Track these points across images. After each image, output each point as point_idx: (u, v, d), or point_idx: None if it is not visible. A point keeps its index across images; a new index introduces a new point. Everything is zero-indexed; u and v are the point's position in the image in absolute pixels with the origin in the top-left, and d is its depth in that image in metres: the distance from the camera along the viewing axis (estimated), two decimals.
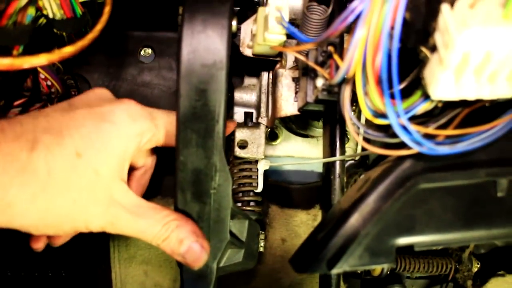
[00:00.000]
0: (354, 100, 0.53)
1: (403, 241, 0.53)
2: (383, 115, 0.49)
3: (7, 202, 0.50)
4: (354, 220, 0.52)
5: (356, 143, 1.00)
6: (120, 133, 0.57)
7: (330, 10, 0.66)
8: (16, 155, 0.50)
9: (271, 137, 1.02)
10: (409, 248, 0.54)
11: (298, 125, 0.97)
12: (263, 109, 0.83)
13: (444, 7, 0.41)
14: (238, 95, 0.87)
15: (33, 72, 0.72)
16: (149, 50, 1.02)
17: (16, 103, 0.69)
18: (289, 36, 0.62)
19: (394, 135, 0.49)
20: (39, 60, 0.53)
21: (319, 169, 1.06)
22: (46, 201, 0.52)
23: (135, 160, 0.67)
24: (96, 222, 0.57)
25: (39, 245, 0.64)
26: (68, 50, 0.56)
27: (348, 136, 0.98)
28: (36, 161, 0.51)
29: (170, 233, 0.59)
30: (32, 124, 0.52)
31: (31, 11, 0.60)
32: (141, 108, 0.60)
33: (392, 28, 0.43)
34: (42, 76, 0.74)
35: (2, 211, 0.50)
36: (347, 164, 1.02)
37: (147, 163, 0.70)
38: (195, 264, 0.61)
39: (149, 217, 0.59)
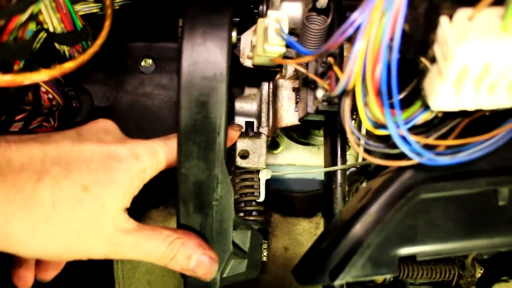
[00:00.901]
0: (354, 109, 0.53)
1: (405, 251, 0.53)
2: (383, 126, 0.49)
3: (7, 232, 0.50)
4: (356, 230, 0.52)
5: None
6: (125, 170, 0.57)
7: (329, 20, 0.67)
8: (21, 187, 0.50)
9: (272, 145, 1.02)
10: (411, 256, 0.54)
11: (299, 134, 0.97)
12: (263, 119, 0.83)
13: (443, 20, 0.41)
14: (239, 105, 0.87)
15: (34, 85, 0.72)
16: (150, 61, 1.02)
17: (18, 117, 0.69)
18: (289, 46, 0.62)
19: (395, 146, 0.49)
20: (40, 76, 0.54)
21: (321, 176, 1.07)
22: (48, 232, 0.52)
23: None
24: (98, 251, 0.57)
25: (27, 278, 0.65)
26: (69, 65, 0.56)
27: (349, 144, 0.98)
28: (41, 192, 0.51)
29: (177, 252, 0.59)
30: (42, 153, 0.52)
31: (32, 26, 0.60)
32: (144, 145, 0.60)
33: (391, 39, 0.43)
34: (43, 89, 0.74)
35: (1, 240, 0.50)
36: (348, 172, 1.02)
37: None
38: (206, 276, 0.61)
39: (152, 240, 0.59)
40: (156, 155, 0.61)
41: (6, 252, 0.54)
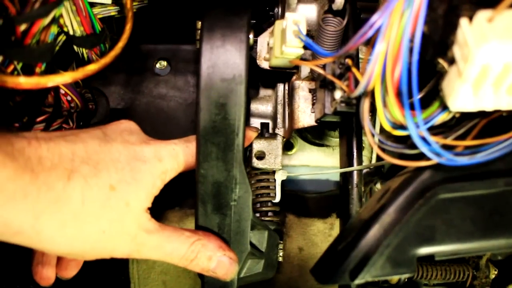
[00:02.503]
0: (370, 110, 0.53)
1: (423, 251, 0.53)
2: (402, 127, 0.49)
3: (36, 229, 0.50)
4: (375, 230, 0.53)
5: (371, 151, 1.01)
6: (149, 171, 0.58)
7: (345, 22, 0.67)
8: (52, 185, 0.50)
9: (287, 147, 1.03)
10: (428, 256, 0.55)
11: (314, 135, 0.98)
12: (279, 120, 0.83)
13: (463, 22, 0.41)
14: (254, 106, 0.87)
15: (54, 88, 0.73)
16: (165, 63, 1.03)
17: (39, 119, 0.70)
18: (306, 48, 0.63)
19: (413, 146, 0.49)
20: (64, 78, 0.54)
21: (335, 177, 1.07)
22: (75, 229, 0.53)
23: None
24: (122, 250, 0.57)
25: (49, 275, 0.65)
26: (92, 67, 0.57)
27: (363, 145, 0.98)
28: (71, 190, 0.52)
29: (197, 254, 0.60)
30: (71, 152, 0.53)
31: (54, 29, 0.61)
32: (166, 147, 0.61)
33: (411, 41, 0.44)
34: (62, 91, 0.75)
35: (30, 237, 0.50)
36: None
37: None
38: (226, 277, 0.62)
39: (173, 241, 0.59)
40: (177, 157, 0.62)
41: (34, 248, 0.56)
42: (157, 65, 1.03)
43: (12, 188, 0.47)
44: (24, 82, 0.52)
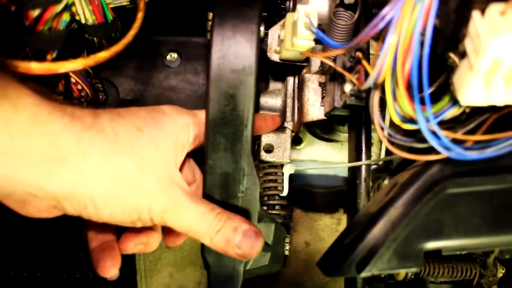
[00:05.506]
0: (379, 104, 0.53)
1: (431, 245, 0.53)
2: (412, 120, 0.49)
3: (82, 151, 0.50)
4: (383, 224, 0.52)
5: (379, 147, 1.01)
6: (170, 121, 0.59)
7: (356, 15, 0.67)
8: (82, 117, 0.51)
9: (295, 141, 1.03)
10: (434, 252, 0.54)
11: (323, 129, 0.98)
12: (288, 114, 0.83)
13: (475, 14, 0.41)
14: (264, 100, 0.87)
15: (64, 77, 0.73)
16: (175, 55, 1.03)
17: None
18: (317, 41, 0.63)
19: (422, 140, 0.49)
20: (75, 64, 0.55)
21: (343, 173, 1.07)
22: (117, 160, 0.53)
23: (186, 172, 0.67)
24: (159, 202, 0.56)
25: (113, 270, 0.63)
26: (103, 55, 0.58)
27: (372, 141, 0.98)
28: (101, 124, 0.52)
29: (223, 224, 0.58)
30: (91, 110, 0.54)
31: (66, 17, 0.62)
32: (182, 108, 0.62)
33: (422, 34, 0.43)
34: (73, 80, 0.75)
35: (77, 165, 0.50)
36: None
37: (197, 175, 0.69)
38: (252, 252, 0.59)
39: (203, 206, 0.58)
40: (196, 116, 0.62)
41: (79, 189, 0.52)
42: (168, 57, 1.03)
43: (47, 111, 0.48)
44: (36, 67, 0.53)
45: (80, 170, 0.51)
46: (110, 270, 0.62)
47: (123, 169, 0.53)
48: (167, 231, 0.67)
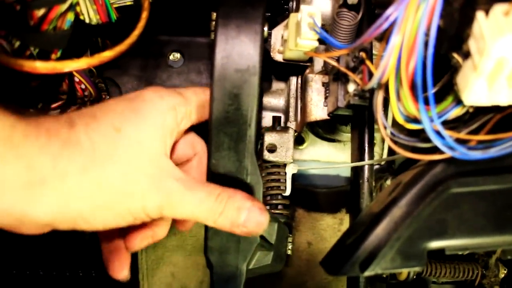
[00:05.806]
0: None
1: (434, 244, 0.53)
2: (416, 120, 0.49)
3: (60, 172, 0.48)
4: (386, 223, 0.53)
5: (381, 147, 1.01)
6: (153, 107, 0.56)
7: (360, 16, 0.67)
8: (57, 131, 0.49)
9: (298, 141, 1.03)
10: (437, 252, 0.55)
11: (325, 129, 0.98)
12: (291, 114, 0.83)
13: (480, 15, 0.41)
14: (266, 100, 0.88)
15: (68, 76, 0.73)
16: (178, 55, 1.03)
17: (54, 105, 0.70)
18: (320, 41, 0.63)
19: (426, 140, 0.49)
20: (79, 64, 0.55)
21: (345, 173, 1.07)
22: (97, 173, 0.51)
23: (183, 148, 0.65)
24: (153, 200, 0.54)
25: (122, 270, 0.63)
26: (107, 54, 0.58)
27: (375, 141, 0.98)
28: (77, 135, 0.50)
29: (225, 205, 0.56)
30: (65, 116, 0.52)
31: (71, 16, 0.62)
32: (166, 89, 0.59)
33: (426, 34, 0.44)
34: (76, 79, 0.75)
35: (56, 187, 0.49)
36: None
37: (197, 148, 0.66)
38: (258, 229, 0.58)
39: (200, 190, 0.56)
40: (182, 94, 0.59)
41: (66, 220, 0.51)
42: (171, 57, 1.03)
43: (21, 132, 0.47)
44: (40, 66, 0.53)
45: (60, 191, 0.49)
46: (119, 271, 0.62)
47: (106, 179, 0.52)
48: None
